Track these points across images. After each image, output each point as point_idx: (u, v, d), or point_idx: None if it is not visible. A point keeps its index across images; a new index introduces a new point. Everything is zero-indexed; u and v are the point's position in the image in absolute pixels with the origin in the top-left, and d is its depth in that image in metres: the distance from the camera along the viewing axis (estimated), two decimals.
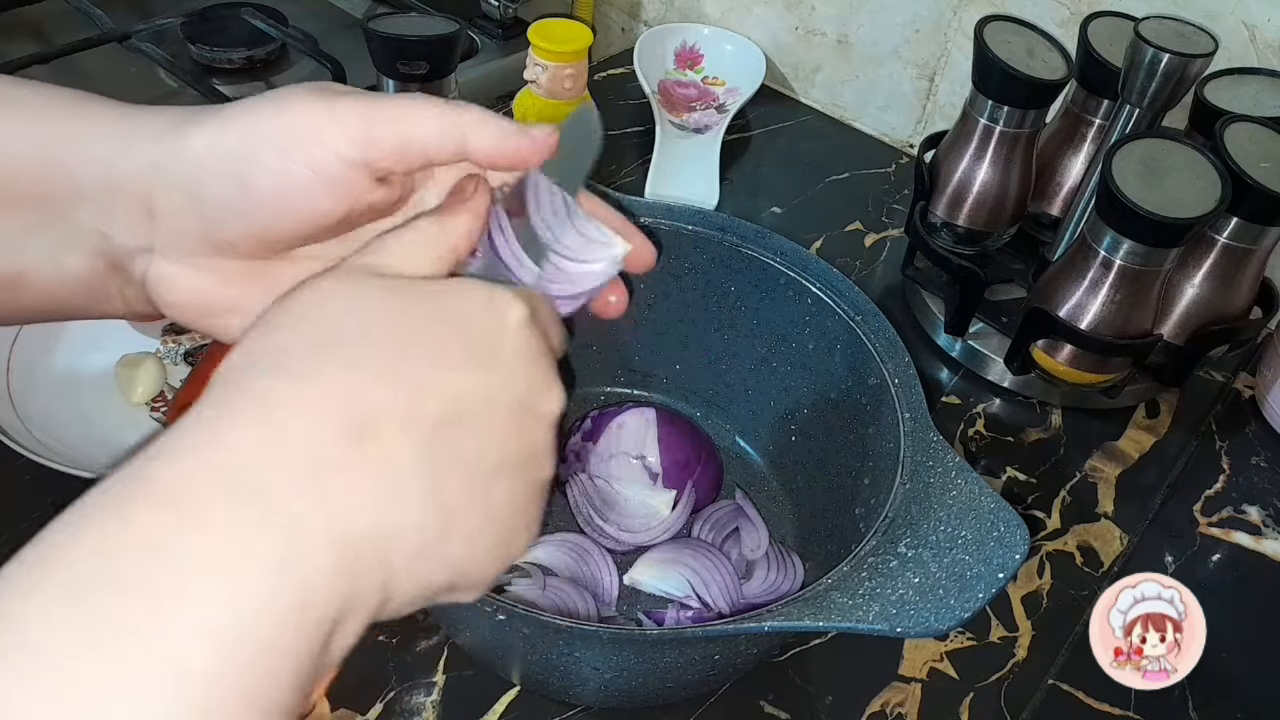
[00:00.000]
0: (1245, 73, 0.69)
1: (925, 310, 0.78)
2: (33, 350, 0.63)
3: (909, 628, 0.38)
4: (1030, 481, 0.68)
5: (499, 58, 1.04)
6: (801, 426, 0.61)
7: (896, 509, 0.45)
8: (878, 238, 0.87)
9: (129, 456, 0.26)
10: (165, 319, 0.65)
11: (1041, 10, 0.85)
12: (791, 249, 0.58)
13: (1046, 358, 0.69)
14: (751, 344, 0.62)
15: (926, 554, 0.41)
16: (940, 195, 0.76)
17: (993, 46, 0.69)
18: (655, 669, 0.48)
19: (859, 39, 0.98)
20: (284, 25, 0.98)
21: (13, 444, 0.55)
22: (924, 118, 0.98)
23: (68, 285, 0.34)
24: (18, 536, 0.23)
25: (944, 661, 0.57)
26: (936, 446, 0.47)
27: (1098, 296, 0.64)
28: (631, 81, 0.98)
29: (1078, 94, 0.75)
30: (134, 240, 0.33)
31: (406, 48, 0.74)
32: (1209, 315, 0.68)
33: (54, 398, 0.62)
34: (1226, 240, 0.66)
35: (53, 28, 0.98)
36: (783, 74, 1.05)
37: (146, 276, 0.34)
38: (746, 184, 0.92)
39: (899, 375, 0.51)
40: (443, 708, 0.52)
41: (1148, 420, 0.74)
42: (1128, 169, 0.61)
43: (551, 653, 0.47)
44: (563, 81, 0.82)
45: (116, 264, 0.34)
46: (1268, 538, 0.66)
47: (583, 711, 0.52)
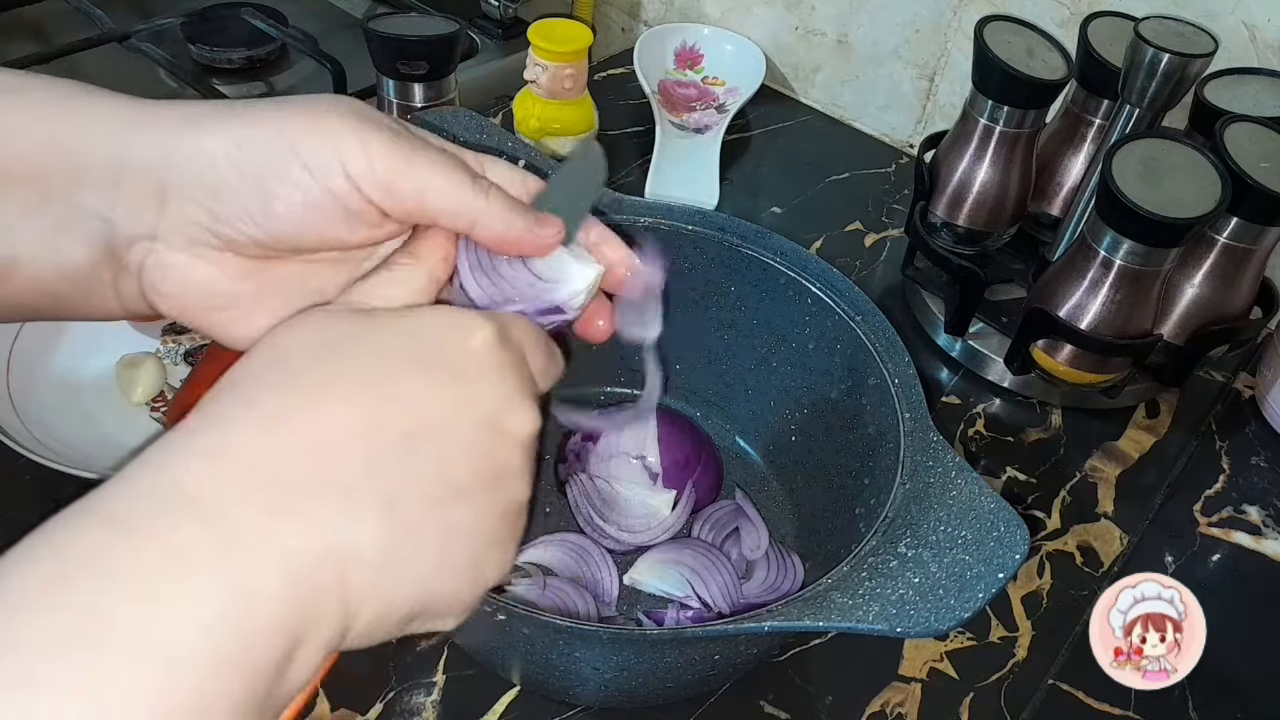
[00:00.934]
0: (1245, 73, 0.69)
1: (925, 310, 0.78)
2: (33, 350, 0.63)
3: (909, 628, 0.38)
4: (1030, 481, 0.68)
5: (499, 58, 1.04)
6: (801, 426, 0.61)
7: (896, 509, 0.45)
8: (878, 238, 0.87)
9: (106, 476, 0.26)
10: (161, 319, 0.66)
11: (1041, 10, 0.85)
12: (791, 249, 0.58)
13: (1046, 358, 0.69)
14: (751, 344, 0.62)
15: (926, 554, 0.41)
16: (940, 195, 0.76)
17: (993, 46, 0.69)
18: (655, 669, 0.48)
19: (859, 39, 0.98)
20: (284, 25, 0.98)
21: (13, 444, 0.55)
22: (924, 118, 0.98)
23: (61, 274, 0.33)
24: (18, 537, 0.23)
25: (944, 661, 0.57)
26: (936, 446, 0.47)
27: (1098, 296, 0.64)
28: (631, 81, 0.98)
29: (1078, 94, 0.75)
30: (137, 227, 0.32)
31: (406, 48, 0.74)
32: (1209, 315, 0.68)
33: (54, 398, 0.62)
34: (1226, 240, 0.66)
35: (53, 28, 0.98)
36: (783, 74, 1.05)
37: (145, 266, 0.33)
38: (746, 184, 0.92)
39: (899, 375, 0.51)
40: (443, 708, 0.52)
41: (1148, 420, 0.74)
42: (1128, 169, 0.61)
43: (551, 653, 0.47)
44: (563, 81, 0.82)
45: (114, 252, 0.33)
46: (1268, 538, 0.66)
47: (583, 711, 0.52)
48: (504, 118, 0.91)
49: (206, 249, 0.33)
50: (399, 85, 0.77)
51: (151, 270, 0.33)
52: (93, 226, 0.32)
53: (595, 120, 0.87)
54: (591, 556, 0.56)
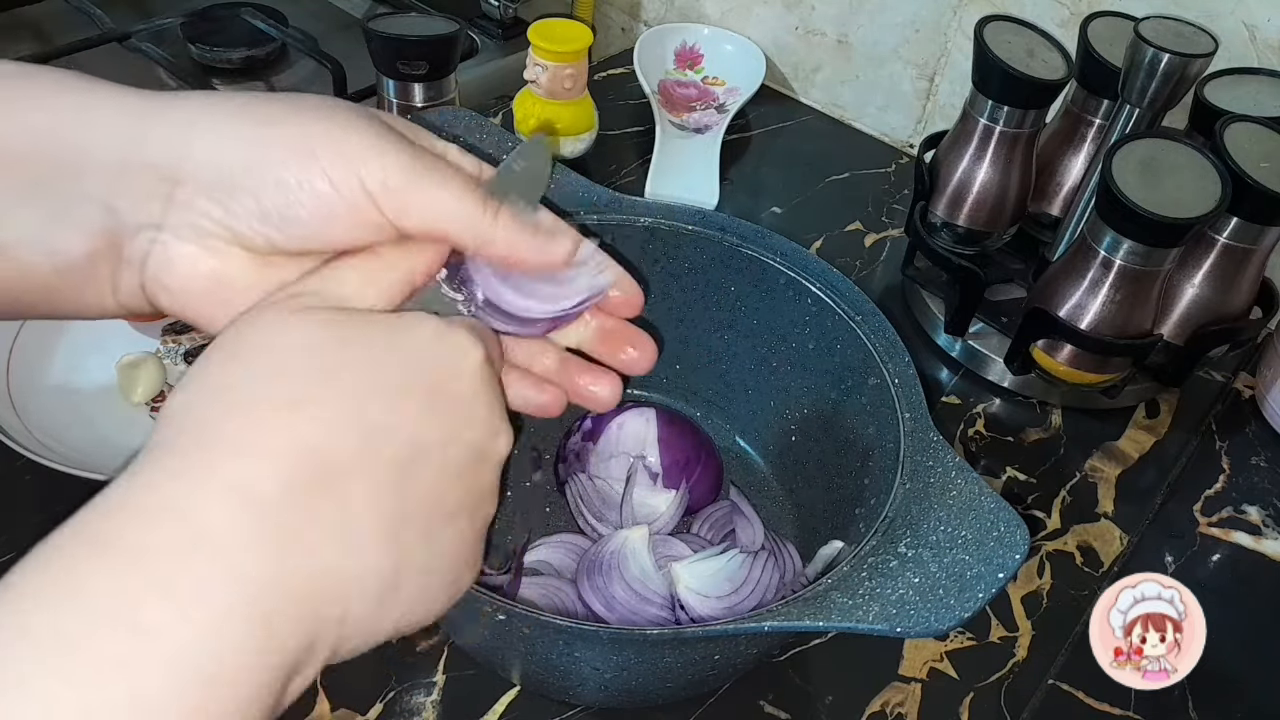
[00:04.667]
0: (1245, 73, 0.69)
1: (925, 310, 0.78)
2: (33, 351, 0.63)
3: (909, 628, 0.38)
4: (1030, 481, 0.68)
5: (499, 58, 1.04)
6: (801, 426, 0.61)
7: (896, 509, 0.45)
8: (878, 238, 0.87)
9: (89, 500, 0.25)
10: (159, 319, 0.66)
11: (1041, 10, 0.85)
12: (791, 249, 0.58)
13: (1046, 358, 0.69)
14: (751, 344, 0.62)
15: (926, 554, 0.41)
16: (940, 195, 0.76)
17: (993, 46, 0.69)
18: (655, 669, 0.48)
19: (859, 39, 0.98)
20: (284, 25, 0.98)
21: (13, 444, 0.55)
22: (924, 118, 0.98)
23: (55, 264, 0.32)
24: (17, 537, 0.23)
25: (944, 661, 0.57)
26: (936, 446, 0.47)
27: (1098, 296, 0.64)
28: (631, 81, 0.98)
29: (1078, 94, 0.75)
30: (143, 217, 0.32)
31: (406, 48, 0.74)
32: (1209, 315, 0.68)
33: (54, 398, 0.62)
34: (1226, 240, 0.66)
35: (53, 28, 0.98)
36: (783, 74, 1.05)
37: (149, 257, 0.32)
38: (746, 184, 0.92)
39: (899, 375, 0.51)
40: (443, 708, 0.52)
41: (1148, 420, 0.74)
42: (1128, 169, 0.61)
43: (551, 653, 0.47)
44: (563, 81, 0.82)
45: (115, 242, 0.32)
46: (1268, 538, 0.66)
47: (583, 711, 0.52)
48: (504, 118, 0.91)
49: (216, 242, 0.32)
50: (399, 85, 0.77)
51: (156, 262, 0.32)
52: (93, 215, 0.31)
53: (595, 120, 0.87)
54: None
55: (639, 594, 0.51)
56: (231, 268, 0.33)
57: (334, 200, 0.31)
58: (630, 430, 0.59)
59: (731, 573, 0.52)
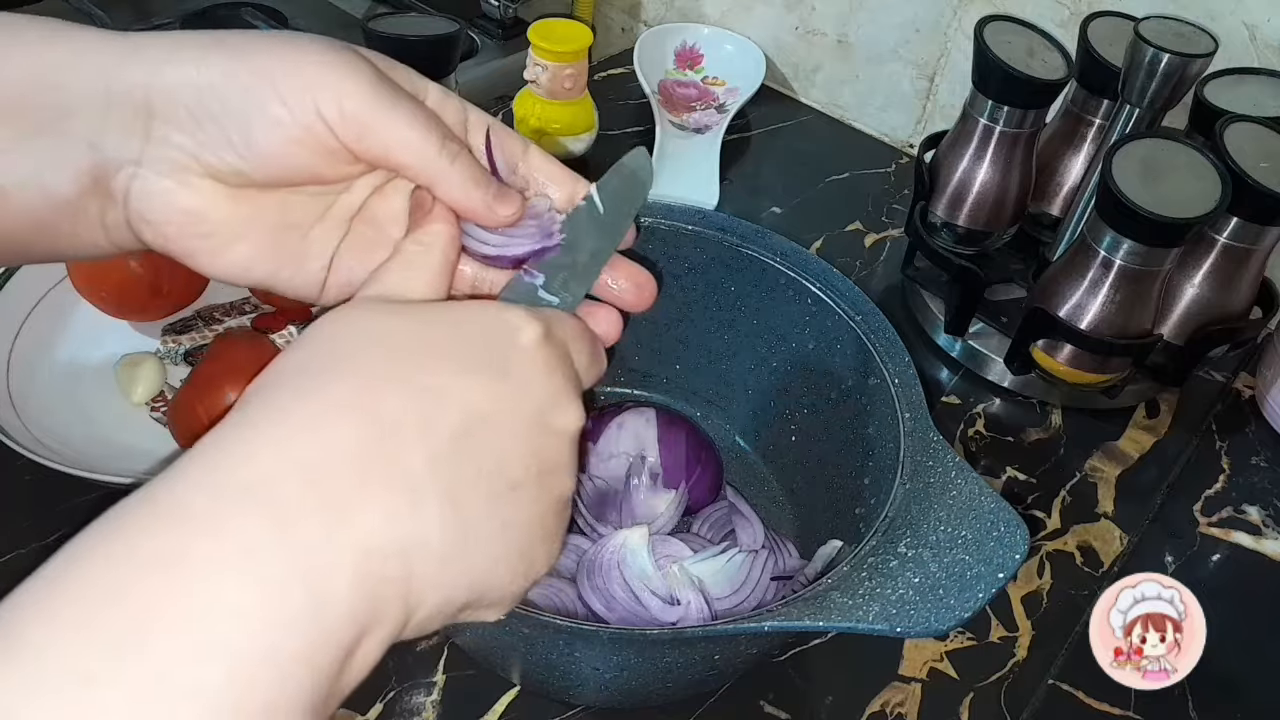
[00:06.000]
0: (1245, 73, 0.69)
1: (925, 310, 0.78)
2: (33, 349, 0.63)
3: (909, 628, 0.38)
4: (1030, 481, 0.68)
5: (499, 58, 1.04)
6: (801, 426, 0.61)
7: (896, 509, 0.45)
8: (878, 238, 0.87)
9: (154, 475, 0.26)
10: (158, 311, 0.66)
11: (1041, 10, 0.85)
12: (791, 249, 0.58)
13: (1046, 358, 0.69)
14: (751, 344, 0.62)
15: (926, 554, 0.41)
16: (940, 195, 0.76)
17: (993, 46, 0.69)
18: (655, 669, 0.48)
19: (859, 39, 0.98)
20: (284, 25, 0.98)
21: (13, 444, 0.55)
22: (924, 118, 0.98)
23: (50, 203, 0.33)
24: (18, 536, 0.23)
25: (944, 661, 0.57)
26: (936, 446, 0.47)
27: (1098, 296, 0.64)
28: (631, 81, 0.98)
29: (1078, 94, 0.75)
30: (124, 152, 0.33)
31: (406, 48, 0.74)
32: (1209, 315, 0.68)
33: (54, 397, 0.62)
34: (1226, 240, 0.66)
35: None
36: (783, 74, 1.05)
37: (130, 193, 0.33)
38: (746, 184, 0.92)
39: (899, 375, 0.51)
40: (443, 708, 0.52)
41: (1148, 420, 0.74)
42: (1128, 169, 0.61)
43: (551, 653, 0.47)
44: (563, 81, 0.82)
45: (101, 180, 0.33)
46: (1268, 538, 0.66)
47: (583, 711, 0.52)
48: (504, 118, 0.91)
49: (190, 175, 0.33)
50: None
51: (137, 197, 0.34)
52: (80, 154, 0.33)
53: (595, 120, 0.87)
54: None
55: (639, 594, 0.51)
56: (205, 201, 0.34)
57: (290, 125, 0.32)
58: (630, 430, 0.59)
59: (731, 573, 0.52)
